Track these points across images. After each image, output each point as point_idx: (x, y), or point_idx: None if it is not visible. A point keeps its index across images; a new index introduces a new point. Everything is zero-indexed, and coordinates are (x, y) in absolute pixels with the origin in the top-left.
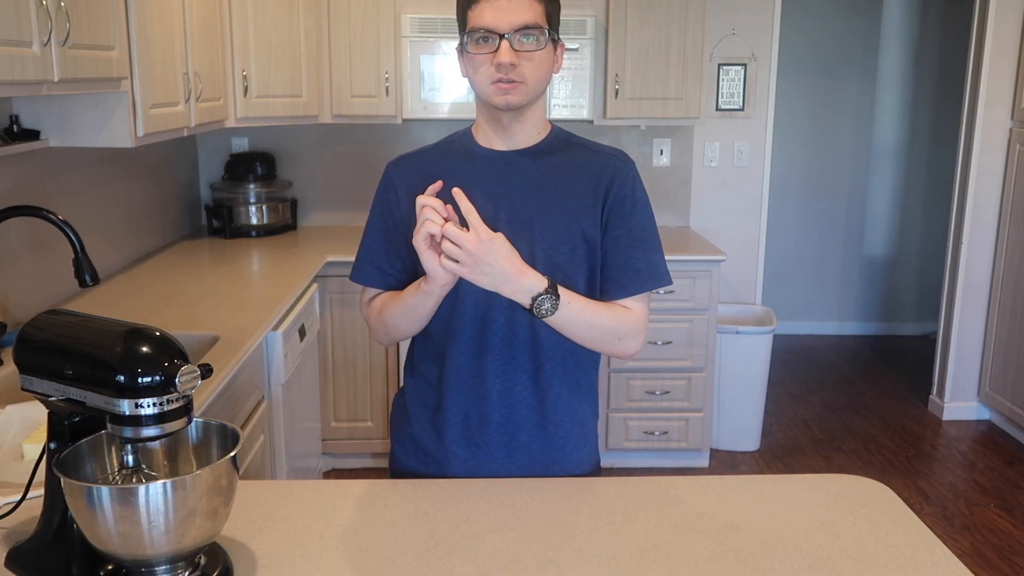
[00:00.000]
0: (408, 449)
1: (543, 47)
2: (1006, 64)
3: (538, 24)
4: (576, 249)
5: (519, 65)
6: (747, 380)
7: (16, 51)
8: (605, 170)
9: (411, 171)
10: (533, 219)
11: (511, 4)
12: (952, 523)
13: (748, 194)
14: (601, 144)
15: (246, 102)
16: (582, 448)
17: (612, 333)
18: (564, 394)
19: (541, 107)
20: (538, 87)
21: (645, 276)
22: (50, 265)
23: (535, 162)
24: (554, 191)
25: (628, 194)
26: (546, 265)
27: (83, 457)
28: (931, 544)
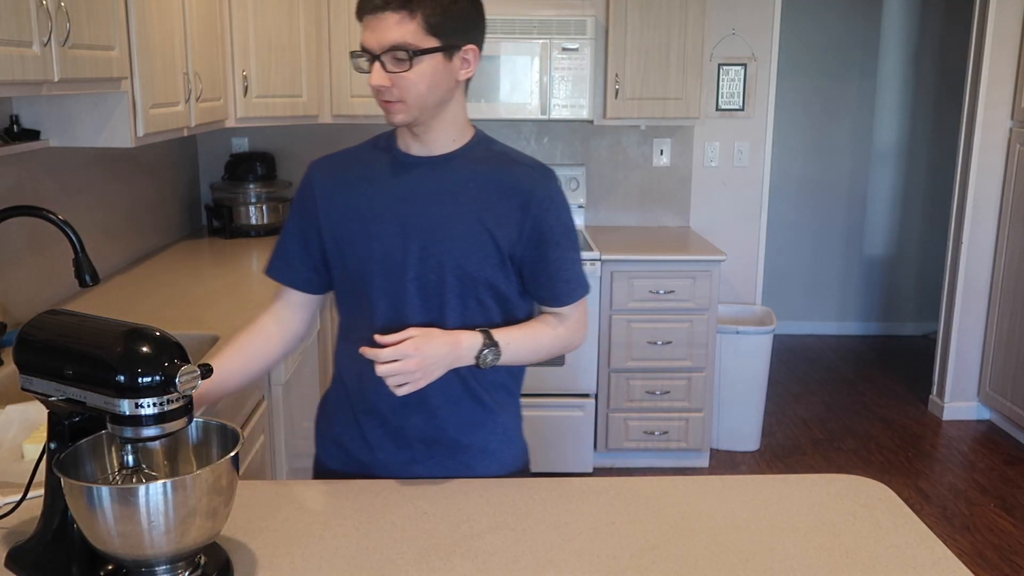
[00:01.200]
0: (331, 451)
1: (410, 68)
2: (1006, 64)
3: (407, 44)
4: (488, 258)
5: (392, 86)
6: (747, 380)
7: (16, 51)
8: (524, 184)
9: (329, 172)
10: (446, 227)
11: (382, 23)
12: (952, 523)
13: (748, 194)
14: (524, 155)
15: (246, 102)
16: (506, 450)
17: (557, 348)
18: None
19: (452, 114)
20: (423, 103)
21: (574, 286)
22: (50, 265)
23: (452, 170)
24: (469, 200)
25: (550, 208)
26: (456, 273)
27: (83, 457)
28: (931, 544)
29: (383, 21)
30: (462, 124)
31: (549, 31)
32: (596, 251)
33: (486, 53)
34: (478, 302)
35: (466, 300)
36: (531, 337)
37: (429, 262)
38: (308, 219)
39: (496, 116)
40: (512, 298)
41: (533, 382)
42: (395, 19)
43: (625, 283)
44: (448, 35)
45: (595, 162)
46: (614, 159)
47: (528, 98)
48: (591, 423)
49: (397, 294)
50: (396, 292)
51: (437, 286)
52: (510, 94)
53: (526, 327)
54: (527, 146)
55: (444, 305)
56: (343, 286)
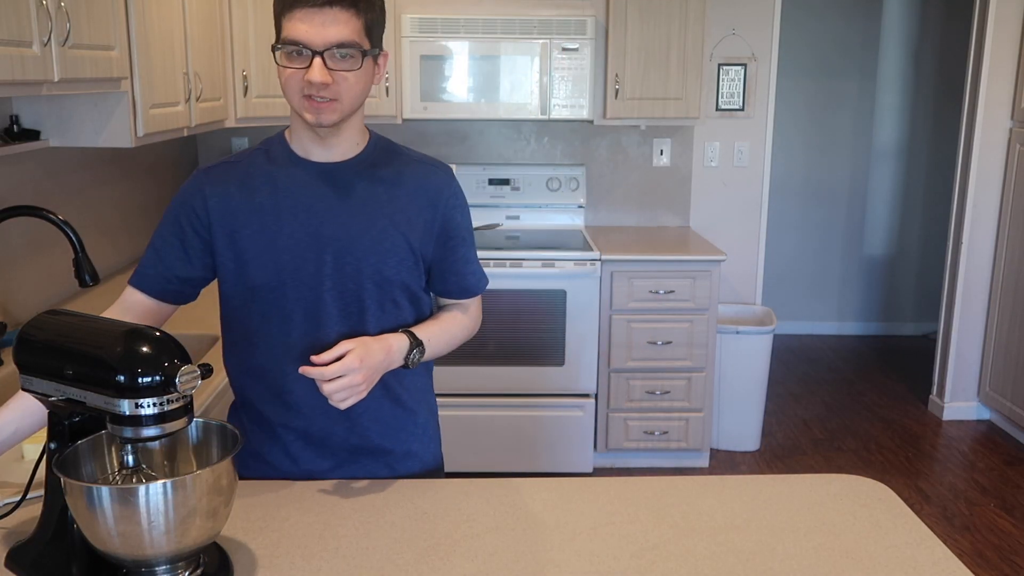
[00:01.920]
0: (249, 464)
1: (359, 67)
2: (1006, 64)
3: (355, 42)
4: (403, 261)
5: (332, 84)
6: (747, 380)
7: (16, 51)
8: (430, 182)
9: (224, 182)
10: (360, 234)
11: (326, 18)
12: (952, 523)
13: (748, 194)
14: (420, 154)
15: (246, 102)
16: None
17: (463, 338)
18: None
19: (359, 117)
20: (354, 104)
21: (479, 278)
22: (50, 265)
23: (358, 175)
24: (379, 204)
25: (456, 204)
26: (375, 279)
27: (83, 457)
28: (931, 544)
29: (328, 15)
30: (363, 128)
31: (549, 31)
32: (596, 251)
33: (486, 53)
34: (394, 304)
35: (383, 304)
36: (446, 331)
37: (346, 270)
38: (194, 231)
39: (496, 116)
40: (420, 295)
41: (533, 382)
42: (344, 16)
43: (625, 283)
44: (377, 39)
45: (595, 162)
46: (614, 159)
47: (528, 98)
48: (591, 423)
49: (313, 304)
50: (312, 302)
51: (355, 293)
52: (510, 94)
53: (440, 323)
54: (527, 146)
55: (364, 311)
56: (237, 300)
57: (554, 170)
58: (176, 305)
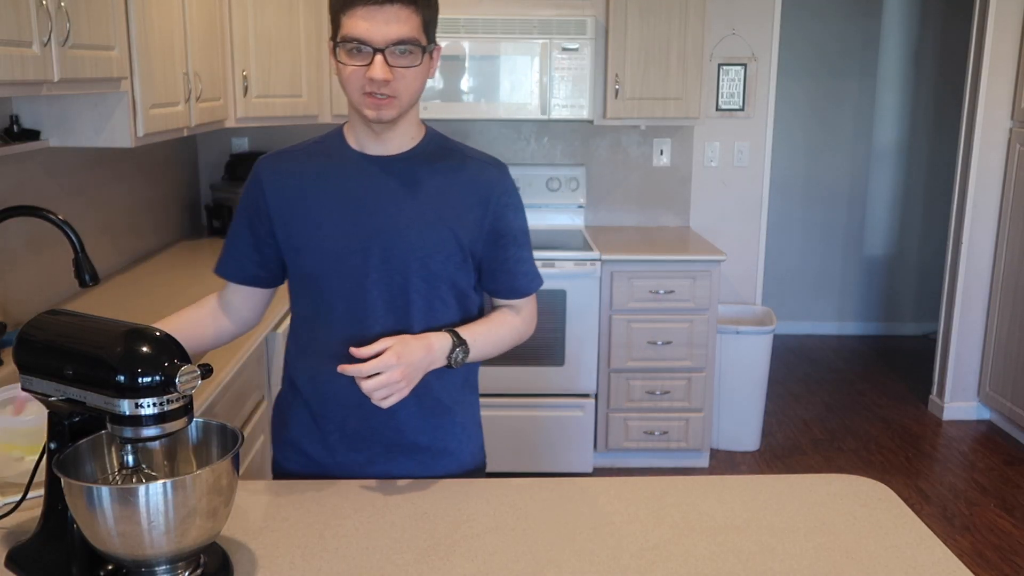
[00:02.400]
0: (288, 454)
1: (418, 63)
2: (1006, 64)
3: (415, 39)
4: (451, 256)
5: (393, 80)
6: (747, 380)
7: (16, 51)
8: (482, 179)
9: (281, 171)
10: (408, 227)
11: (387, 15)
12: (952, 523)
13: (748, 194)
14: (476, 151)
15: (246, 102)
16: (465, 448)
17: (513, 341)
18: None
19: (415, 112)
20: (411, 99)
21: (532, 278)
22: (50, 265)
23: (410, 168)
24: (429, 198)
25: (509, 203)
26: (421, 273)
27: (83, 457)
28: (931, 544)
29: (390, 13)
30: (418, 122)
31: (549, 31)
32: (596, 251)
33: (486, 53)
34: (440, 300)
35: (430, 299)
36: (493, 332)
37: (392, 263)
38: (258, 218)
39: (496, 116)
40: (469, 293)
41: (533, 382)
42: (404, 13)
43: (625, 283)
44: (431, 35)
45: (595, 162)
46: (614, 159)
47: (528, 98)
48: (591, 423)
49: (356, 296)
50: (355, 293)
51: (401, 287)
52: (510, 94)
53: (487, 323)
54: (527, 146)
55: (409, 305)
56: (297, 286)
57: (554, 170)
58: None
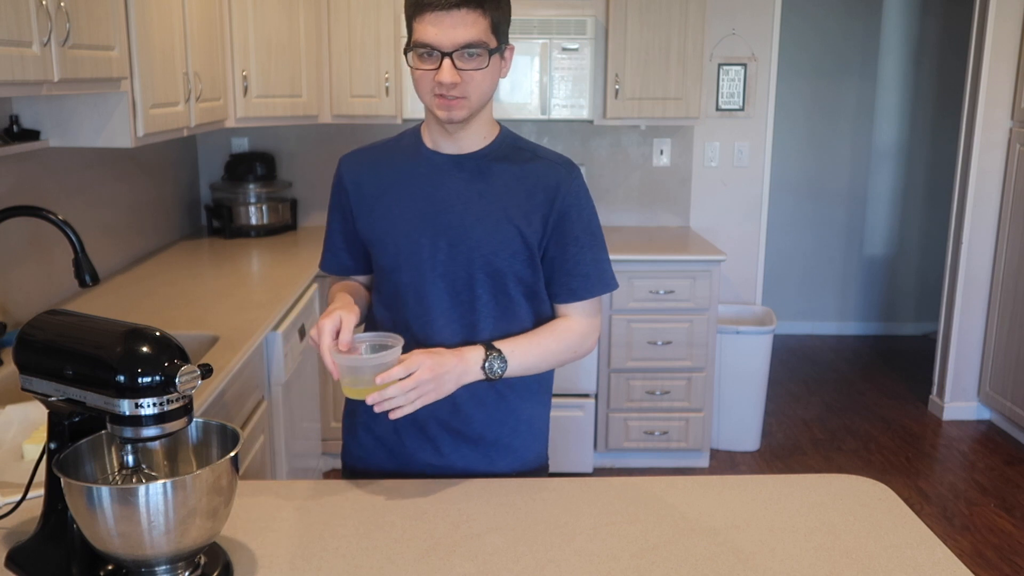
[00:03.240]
0: (361, 438)
1: (485, 66)
2: (1006, 64)
3: (482, 42)
4: (516, 255)
5: (461, 83)
6: (747, 380)
7: (16, 51)
8: (550, 178)
9: (359, 167)
10: (474, 224)
11: (454, 20)
12: (952, 523)
13: (748, 194)
14: (548, 150)
15: (246, 102)
16: (530, 447)
17: (566, 353)
18: (512, 392)
19: (487, 111)
20: (482, 100)
21: (594, 281)
22: (50, 265)
23: (479, 167)
24: (496, 197)
25: (573, 203)
26: (486, 270)
27: (83, 457)
28: (931, 544)
29: (456, 18)
30: (491, 121)
31: (549, 31)
32: None
33: None
34: (507, 296)
35: (496, 295)
36: (536, 343)
37: (458, 259)
38: (345, 213)
39: (496, 116)
40: (538, 292)
41: None
42: (471, 17)
43: (625, 283)
44: (502, 35)
45: (595, 162)
46: (614, 159)
47: (528, 98)
48: (591, 423)
49: (424, 289)
50: (423, 287)
51: (467, 282)
52: (510, 94)
53: (531, 335)
54: None
55: (475, 300)
56: (377, 277)
57: None
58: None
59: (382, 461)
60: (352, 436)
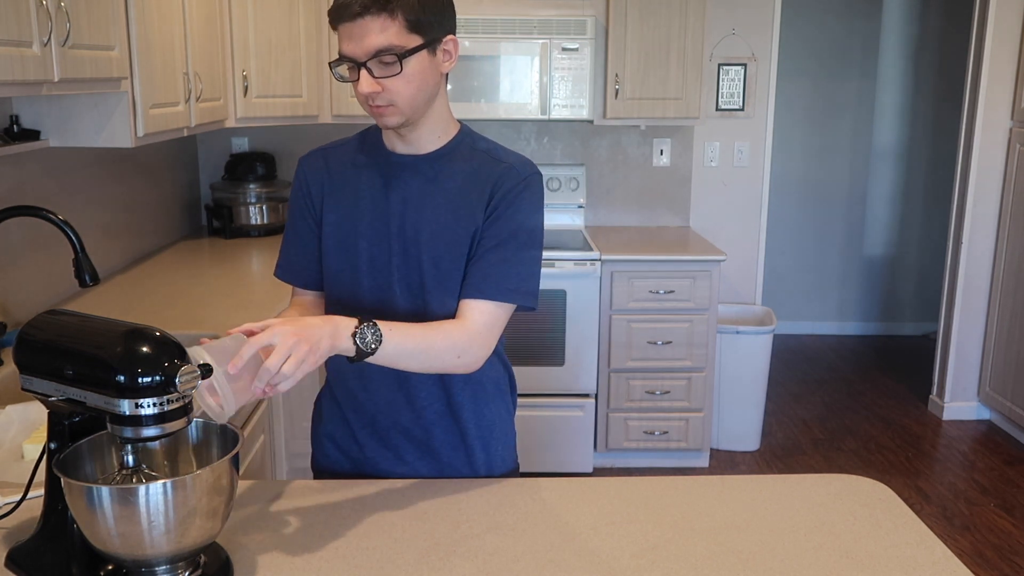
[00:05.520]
0: (324, 447)
1: (398, 72)
2: (1006, 64)
3: (391, 46)
4: (463, 257)
5: (383, 91)
6: (747, 380)
7: (16, 51)
8: (496, 179)
9: (320, 167)
10: (423, 226)
11: (362, 29)
12: (952, 523)
13: (748, 194)
14: (509, 152)
15: (246, 102)
16: (494, 451)
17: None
18: (468, 397)
19: (437, 112)
20: (414, 102)
21: (492, 283)
22: (50, 265)
23: (431, 168)
24: (445, 199)
25: (512, 202)
26: (433, 273)
27: (83, 457)
28: (931, 544)
29: (364, 27)
30: (446, 120)
31: (549, 31)
32: (596, 251)
33: (486, 53)
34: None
35: (447, 300)
36: (419, 330)
37: (411, 262)
38: (306, 216)
39: (496, 116)
40: None
41: (533, 382)
42: (377, 24)
43: (625, 283)
44: (429, 30)
45: (595, 162)
46: (614, 159)
47: (528, 98)
48: (591, 423)
49: (383, 293)
50: (382, 291)
51: (420, 285)
52: (510, 94)
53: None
54: (527, 146)
55: (427, 303)
56: (330, 281)
57: (554, 170)
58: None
59: (346, 471)
60: (318, 446)
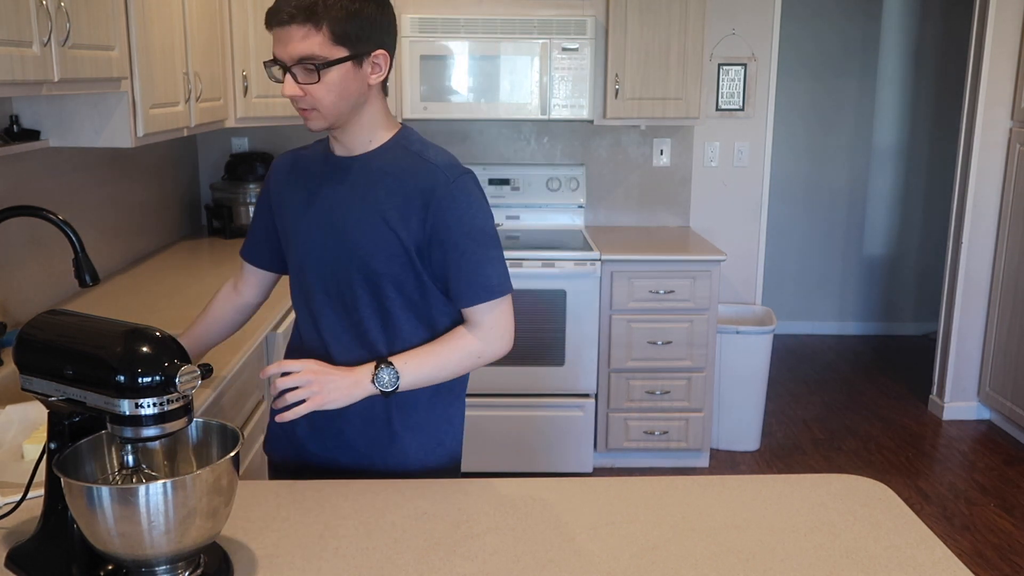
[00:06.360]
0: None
1: (319, 80)
2: (1006, 64)
3: (313, 56)
4: (393, 258)
5: (305, 95)
6: (747, 380)
7: (16, 51)
8: (427, 182)
9: (281, 169)
10: (352, 227)
11: (289, 34)
12: (952, 523)
13: (748, 194)
14: (439, 153)
15: (246, 102)
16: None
17: (468, 360)
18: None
19: (369, 116)
20: (335, 109)
21: (476, 289)
22: (50, 265)
23: (362, 169)
24: (375, 199)
25: (450, 207)
26: (363, 272)
27: (83, 457)
28: (931, 544)
29: (290, 34)
30: (380, 125)
31: (549, 31)
32: (596, 251)
33: (486, 53)
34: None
35: (377, 299)
36: (432, 354)
37: (341, 261)
38: (267, 210)
39: (496, 116)
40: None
41: (533, 382)
42: (301, 32)
43: (625, 283)
44: (355, 43)
45: (595, 162)
46: (614, 159)
47: (528, 98)
48: (591, 423)
49: (313, 289)
50: (313, 287)
51: (348, 284)
52: (510, 94)
53: (428, 346)
54: (527, 146)
55: (356, 302)
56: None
57: (554, 170)
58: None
59: (284, 450)
60: (269, 428)
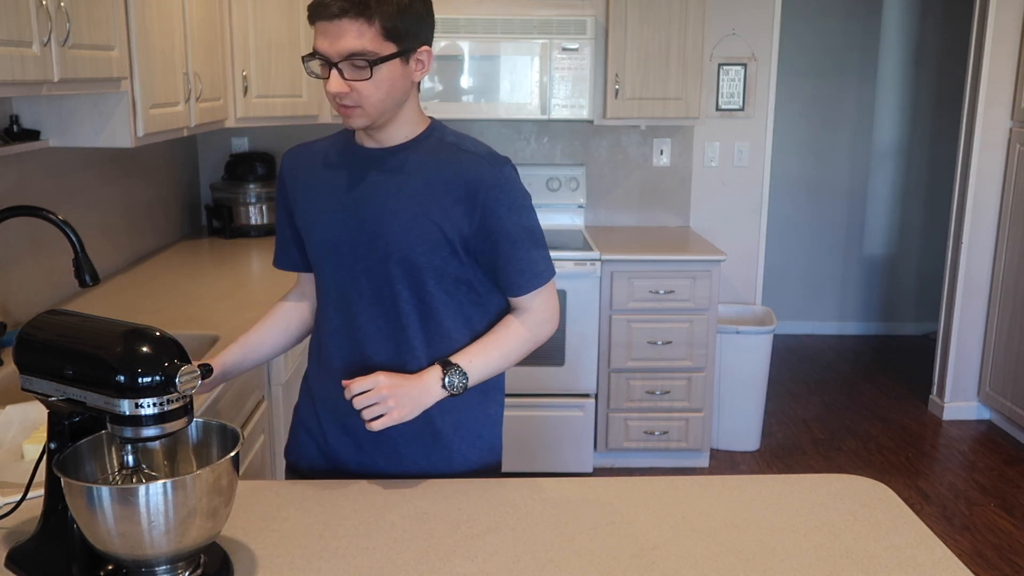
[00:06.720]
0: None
1: (368, 77)
2: (1006, 64)
3: (365, 51)
4: (436, 250)
5: (352, 91)
6: (747, 380)
7: (16, 51)
8: (471, 172)
9: (297, 162)
10: (391, 220)
11: (339, 29)
12: (952, 523)
13: (748, 194)
14: (477, 144)
15: (246, 102)
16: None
17: (526, 346)
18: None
19: (406, 114)
20: (381, 106)
21: (528, 276)
22: (50, 265)
23: (400, 162)
24: (414, 192)
25: (500, 197)
26: (403, 265)
27: (83, 457)
28: (931, 544)
29: (340, 28)
30: (415, 120)
31: (549, 31)
32: (596, 251)
33: (486, 53)
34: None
35: (418, 293)
36: (493, 346)
37: (377, 254)
38: (287, 208)
39: (496, 116)
40: (468, 287)
41: (533, 382)
42: (354, 27)
43: (625, 283)
44: (404, 39)
45: (595, 162)
46: (614, 159)
47: (528, 98)
48: (591, 423)
49: (347, 285)
50: (346, 283)
51: (386, 278)
52: (510, 94)
53: (484, 339)
54: (527, 146)
55: (396, 297)
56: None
57: (554, 170)
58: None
59: (313, 457)
60: (293, 435)
